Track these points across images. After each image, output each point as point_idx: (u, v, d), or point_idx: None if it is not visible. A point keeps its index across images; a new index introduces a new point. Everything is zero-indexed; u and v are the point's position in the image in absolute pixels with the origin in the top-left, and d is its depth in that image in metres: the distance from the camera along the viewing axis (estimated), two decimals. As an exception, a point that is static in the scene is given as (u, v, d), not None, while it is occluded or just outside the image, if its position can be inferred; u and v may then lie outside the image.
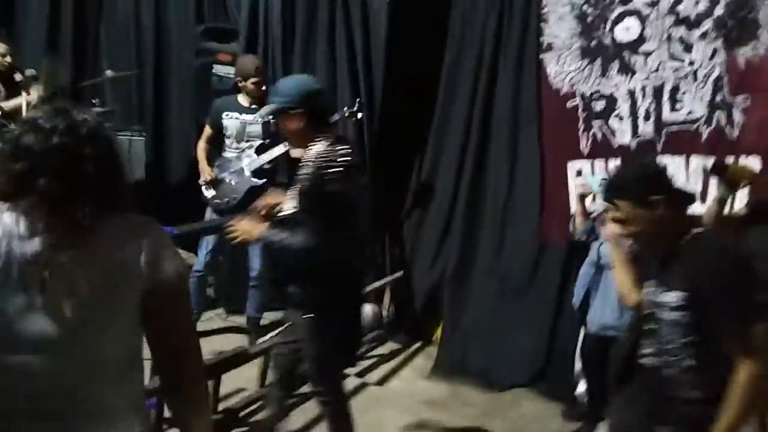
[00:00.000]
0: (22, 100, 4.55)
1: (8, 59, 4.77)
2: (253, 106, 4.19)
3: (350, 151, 2.59)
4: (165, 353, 1.39)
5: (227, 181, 4.21)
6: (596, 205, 3.42)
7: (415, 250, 4.61)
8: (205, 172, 4.25)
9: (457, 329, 4.18)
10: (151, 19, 5.60)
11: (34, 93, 4.70)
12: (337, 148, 2.55)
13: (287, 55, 4.80)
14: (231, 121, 4.22)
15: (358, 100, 4.29)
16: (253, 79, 4.20)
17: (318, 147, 2.55)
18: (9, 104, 4.58)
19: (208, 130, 4.33)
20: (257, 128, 4.23)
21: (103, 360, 1.30)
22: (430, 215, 4.52)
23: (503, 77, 4.13)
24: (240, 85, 4.26)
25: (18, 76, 4.64)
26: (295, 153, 4.23)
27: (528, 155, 4.00)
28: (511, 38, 4.06)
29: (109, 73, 5.14)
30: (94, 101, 5.07)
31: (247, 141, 4.24)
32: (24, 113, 4.45)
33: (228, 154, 4.27)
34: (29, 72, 4.70)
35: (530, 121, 3.96)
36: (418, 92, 4.48)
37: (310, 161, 2.54)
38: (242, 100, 4.27)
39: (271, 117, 2.83)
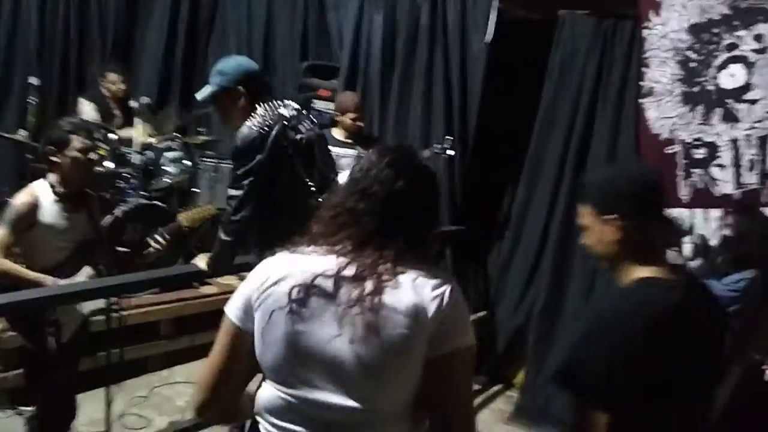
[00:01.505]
0: (134, 132, 4.86)
1: (122, 86, 5.18)
2: (348, 141, 4.37)
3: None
4: (434, 424, 1.37)
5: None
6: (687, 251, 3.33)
7: (501, 289, 4.53)
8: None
9: (541, 374, 4.06)
10: (260, 54, 5.86)
11: (148, 127, 5.03)
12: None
13: (384, 93, 4.90)
14: (325, 153, 4.36)
15: (449, 137, 4.34)
16: (352, 115, 4.34)
17: (260, 110, 2.73)
18: (122, 133, 4.90)
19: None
20: (349, 161, 4.34)
21: (384, 409, 1.33)
22: (518, 255, 4.43)
23: (601, 120, 4.05)
24: (338, 119, 4.41)
25: (133, 103, 4.97)
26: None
27: (623, 200, 3.88)
28: (610, 81, 3.99)
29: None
30: (200, 130, 5.35)
31: (338, 173, 4.37)
32: (136, 142, 4.76)
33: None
34: (144, 99, 5.03)
35: (627, 166, 3.87)
36: (511, 132, 4.46)
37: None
38: (337, 133, 4.40)
39: (212, 95, 2.84)
